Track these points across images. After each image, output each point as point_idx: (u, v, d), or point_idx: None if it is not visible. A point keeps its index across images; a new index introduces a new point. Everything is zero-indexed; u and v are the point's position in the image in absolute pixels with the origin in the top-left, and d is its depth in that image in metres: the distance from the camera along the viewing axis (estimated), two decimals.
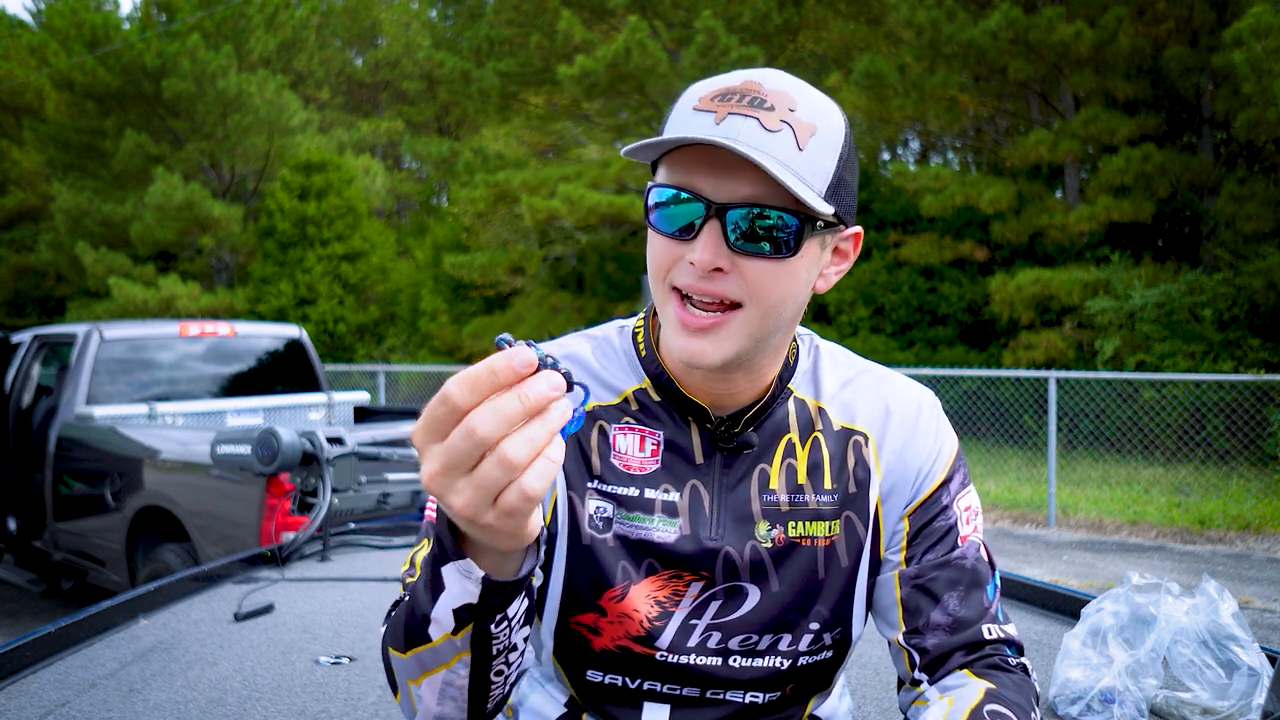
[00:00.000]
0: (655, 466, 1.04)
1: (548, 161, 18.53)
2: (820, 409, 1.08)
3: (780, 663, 1.05)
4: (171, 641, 2.22)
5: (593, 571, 1.03)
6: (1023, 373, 9.34)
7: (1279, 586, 6.29)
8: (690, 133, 0.89)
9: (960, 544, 1.05)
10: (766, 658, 1.05)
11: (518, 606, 0.83)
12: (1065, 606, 2.26)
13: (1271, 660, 1.64)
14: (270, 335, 6.47)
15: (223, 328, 6.09)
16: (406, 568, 1.01)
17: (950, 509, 1.06)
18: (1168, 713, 1.65)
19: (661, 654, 1.04)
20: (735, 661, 1.04)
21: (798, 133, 0.89)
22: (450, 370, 13.66)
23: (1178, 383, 9.54)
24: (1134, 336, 11.15)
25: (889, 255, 14.13)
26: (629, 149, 0.92)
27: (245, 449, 3.58)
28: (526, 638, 0.89)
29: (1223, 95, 12.39)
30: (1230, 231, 12.24)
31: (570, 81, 14.67)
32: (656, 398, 1.06)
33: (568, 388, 0.70)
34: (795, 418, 1.06)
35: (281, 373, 6.38)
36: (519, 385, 0.68)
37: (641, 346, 1.08)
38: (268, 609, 2.50)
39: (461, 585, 0.79)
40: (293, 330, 6.49)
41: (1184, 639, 1.68)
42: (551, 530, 1.04)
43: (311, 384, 6.42)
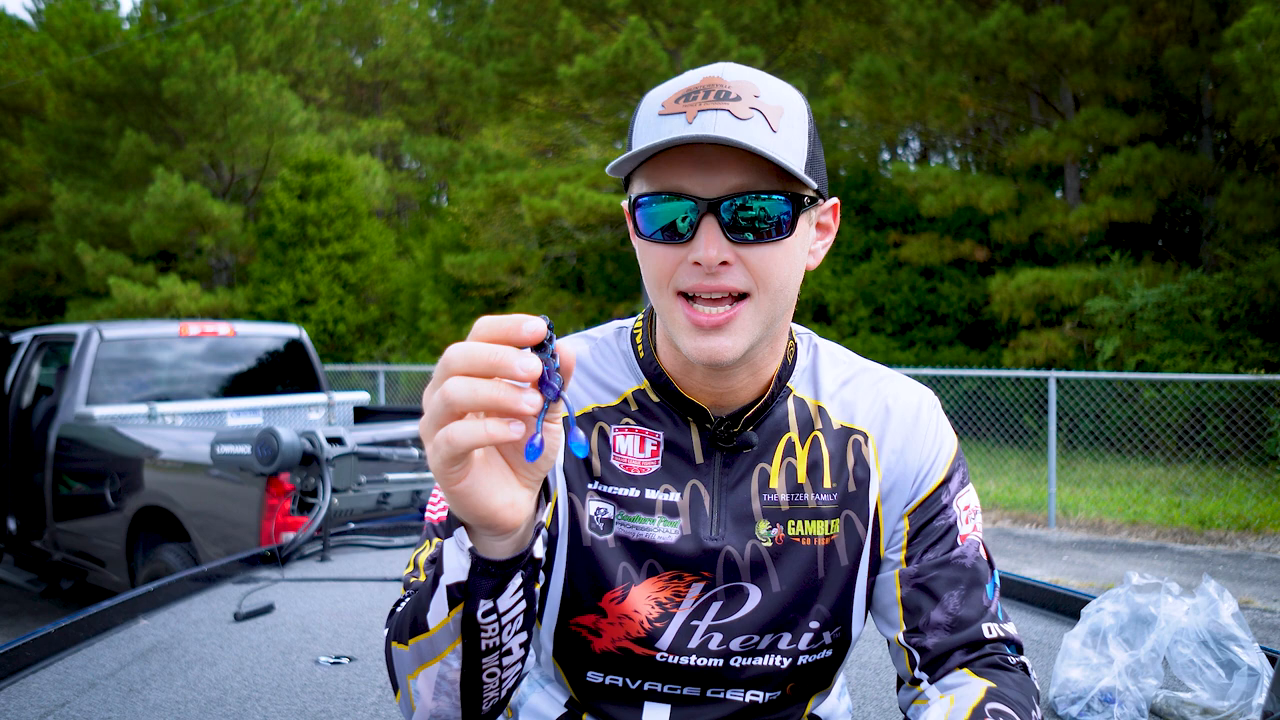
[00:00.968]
0: (655, 467, 1.04)
1: (548, 161, 18.53)
2: (820, 408, 1.08)
3: (780, 662, 1.06)
4: (171, 641, 2.22)
5: (593, 573, 1.03)
6: (1023, 373, 9.34)
7: (1279, 586, 6.29)
8: (661, 136, 0.89)
9: (960, 543, 1.05)
10: (767, 657, 1.05)
11: (509, 601, 0.83)
12: (1065, 606, 2.26)
13: (1271, 660, 1.64)
14: (270, 335, 6.48)
15: (223, 328, 6.09)
16: (410, 570, 1.02)
17: (950, 508, 1.06)
18: (1168, 713, 1.65)
19: (662, 655, 1.04)
20: (736, 661, 1.05)
21: (768, 116, 0.90)
22: None
23: (1178, 383, 9.54)
24: (1134, 336, 11.14)
25: (889, 255, 14.13)
26: (613, 165, 0.92)
27: (245, 449, 3.59)
28: (525, 644, 0.89)
29: (1223, 95, 12.39)
30: (1230, 231, 12.24)
31: (570, 81, 14.67)
32: (656, 398, 1.06)
33: (554, 398, 0.70)
34: (794, 417, 1.07)
35: (281, 373, 6.38)
36: (502, 346, 0.68)
37: (640, 348, 1.08)
38: (268, 609, 2.50)
39: (456, 559, 0.80)
40: (293, 330, 6.49)
41: (1184, 639, 1.68)
42: (552, 532, 1.04)
43: (311, 384, 6.42)
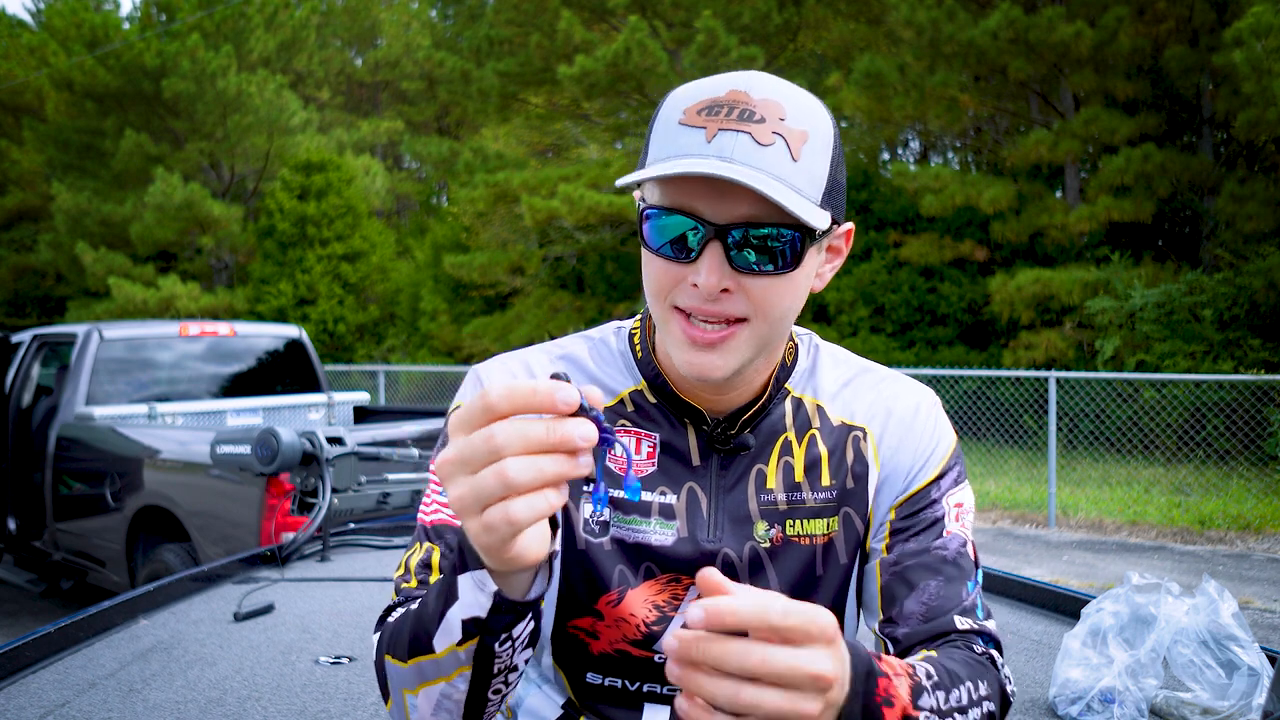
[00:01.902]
0: (652, 469, 1.04)
1: (548, 161, 18.54)
2: (819, 407, 1.08)
3: None
4: (171, 641, 2.22)
5: (589, 576, 1.03)
6: (1023, 373, 9.34)
7: (1279, 586, 6.29)
8: (680, 151, 0.88)
9: (944, 535, 1.04)
10: None
11: (523, 628, 0.83)
12: (1065, 606, 2.26)
13: (1271, 660, 1.64)
14: (270, 335, 6.47)
15: (222, 328, 6.09)
16: (400, 572, 1.01)
17: (940, 503, 1.05)
18: (1168, 713, 1.65)
19: (660, 656, 1.03)
20: None
21: (790, 143, 0.88)
22: (450, 370, 13.72)
23: (1178, 383, 9.53)
24: (1134, 336, 11.14)
25: (889, 255, 14.12)
26: (625, 181, 0.91)
27: (245, 449, 3.59)
28: (528, 660, 0.89)
29: (1223, 95, 12.38)
30: (1230, 231, 12.24)
31: (570, 81, 14.67)
32: (653, 399, 1.06)
33: (612, 444, 0.72)
34: (791, 417, 1.06)
35: (281, 373, 6.38)
36: (554, 419, 0.68)
37: (638, 348, 1.08)
38: (268, 609, 2.50)
39: (474, 596, 0.79)
40: (292, 330, 6.49)
41: (1184, 639, 1.68)
42: None
43: (311, 384, 6.42)
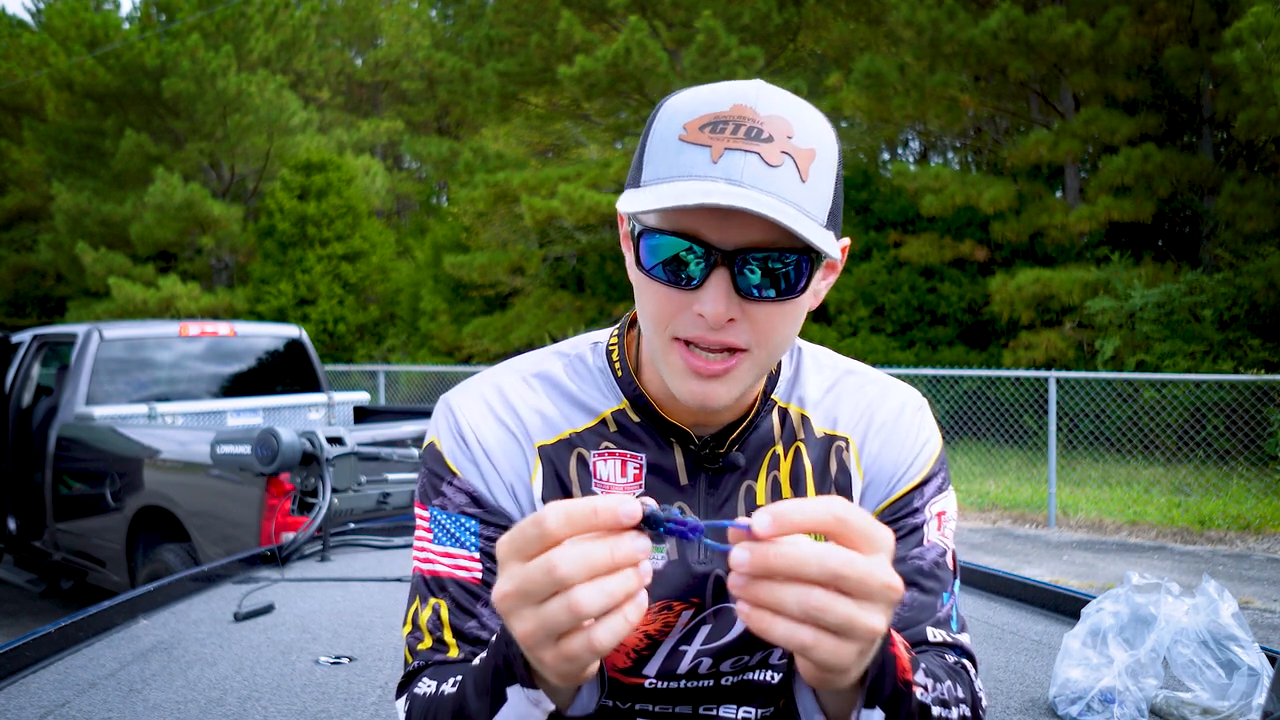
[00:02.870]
0: (639, 492, 1.00)
1: (548, 161, 18.53)
2: (804, 417, 1.04)
3: (772, 676, 1.05)
4: (171, 641, 2.22)
5: None
6: (1023, 373, 9.34)
7: (1279, 586, 6.29)
8: (683, 171, 0.83)
9: (923, 544, 1.01)
10: (758, 673, 1.04)
11: None
12: (1065, 606, 2.26)
13: (1271, 660, 1.64)
14: (270, 335, 6.47)
15: (222, 328, 6.09)
16: (409, 629, 0.99)
17: (921, 511, 1.02)
18: (1168, 713, 1.65)
19: (650, 681, 1.02)
20: (727, 680, 1.03)
21: (799, 163, 0.83)
22: (450, 370, 13.69)
23: (1178, 383, 9.53)
24: (1134, 336, 11.14)
25: (889, 255, 14.11)
26: (626, 205, 0.85)
27: (245, 449, 3.59)
28: None
29: (1223, 95, 12.38)
30: (1230, 231, 12.23)
31: (570, 81, 14.67)
32: (636, 418, 1.01)
33: (699, 536, 0.69)
34: (779, 429, 1.03)
35: (281, 373, 6.37)
36: (614, 537, 0.66)
37: (617, 366, 1.02)
38: (268, 609, 2.50)
39: (526, 708, 0.78)
40: (293, 330, 6.49)
41: (1184, 639, 1.68)
42: None
43: (311, 384, 6.42)
